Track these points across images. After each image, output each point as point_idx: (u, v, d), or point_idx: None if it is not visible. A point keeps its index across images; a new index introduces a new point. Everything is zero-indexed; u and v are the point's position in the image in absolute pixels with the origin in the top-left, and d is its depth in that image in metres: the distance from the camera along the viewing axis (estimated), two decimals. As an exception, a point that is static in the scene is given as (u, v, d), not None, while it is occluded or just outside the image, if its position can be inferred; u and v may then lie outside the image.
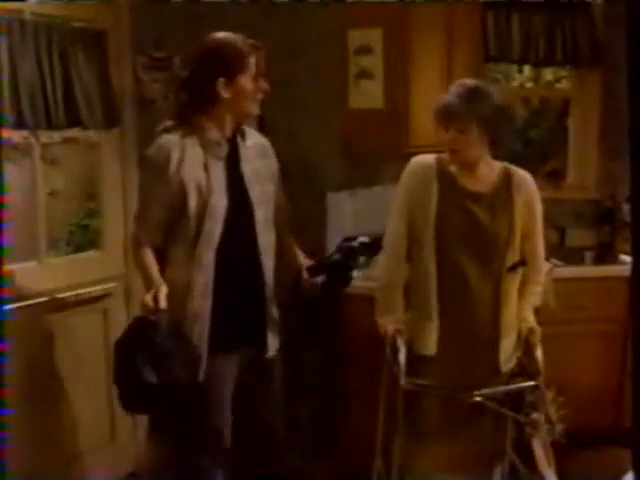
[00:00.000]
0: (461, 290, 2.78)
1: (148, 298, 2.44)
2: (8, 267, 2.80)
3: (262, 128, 3.84)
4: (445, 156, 2.79)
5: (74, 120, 3.41)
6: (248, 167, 2.70)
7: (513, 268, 2.80)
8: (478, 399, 2.59)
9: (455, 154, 2.75)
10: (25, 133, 3.35)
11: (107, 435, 3.80)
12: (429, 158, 2.81)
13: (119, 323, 3.80)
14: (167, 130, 2.64)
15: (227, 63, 2.57)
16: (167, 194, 2.55)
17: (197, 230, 2.56)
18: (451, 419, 2.70)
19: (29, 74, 3.17)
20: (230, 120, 2.65)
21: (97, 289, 3.68)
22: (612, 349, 4.06)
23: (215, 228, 2.57)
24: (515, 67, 5.16)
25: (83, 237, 4.78)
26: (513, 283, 2.84)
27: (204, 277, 2.58)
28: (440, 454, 2.71)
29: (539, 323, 3.46)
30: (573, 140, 4.72)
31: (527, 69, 5.29)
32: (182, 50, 3.94)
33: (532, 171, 5.21)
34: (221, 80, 2.55)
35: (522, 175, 2.91)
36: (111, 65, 3.62)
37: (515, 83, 5.38)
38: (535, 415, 1.98)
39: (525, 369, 2.79)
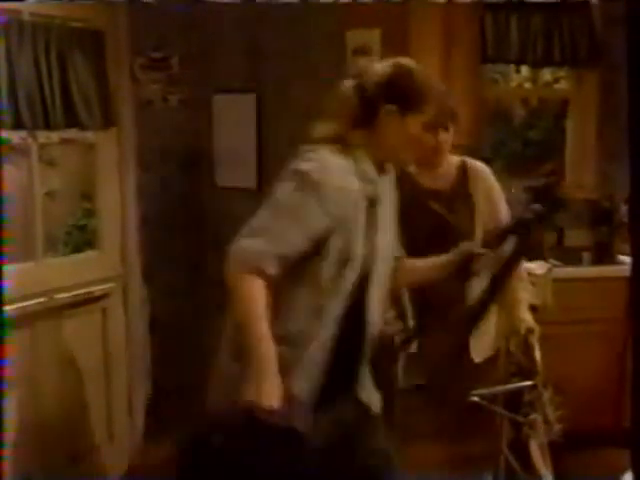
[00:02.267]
0: (431, 289, 2.78)
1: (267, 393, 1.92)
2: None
3: (261, 128, 3.87)
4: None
5: (71, 121, 3.41)
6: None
7: None
8: (475, 399, 2.59)
9: (442, 154, 2.77)
10: (23, 134, 3.34)
11: (105, 435, 3.80)
12: None
13: (117, 323, 3.81)
14: None
15: None
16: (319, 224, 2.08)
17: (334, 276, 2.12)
18: (445, 418, 2.70)
19: (27, 74, 3.17)
20: None
21: (95, 289, 3.68)
22: (610, 349, 4.06)
23: (352, 277, 2.15)
24: (513, 67, 5.15)
25: (80, 238, 4.77)
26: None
27: (328, 332, 2.13)
28: (434, 454, 2.71)
29: (538, 323, 3.48)
30: (571, 140, 4.72)
31: (525, 69, 5.29)
32: (180, 50, 3.95)
33: (530, 171, 5.30)
34: None
35: (478, 168, 2.88)
36: (109, 65, 3.62)
37: (513, 83, 5.38)
38: (533, 416, 1.98)
39: (523, 369, 2.79)
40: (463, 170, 2.87)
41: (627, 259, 4.20)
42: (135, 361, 3.89)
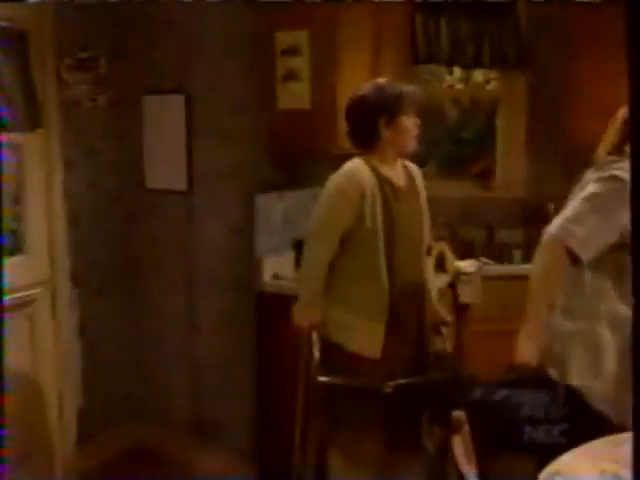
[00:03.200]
0: (409, 289, 2.83)
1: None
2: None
3: (191, 129, 3.84)
4: (367, 158, 2.81)
5: (-3, 122, 3.33)
6: None
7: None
8: (389, 390, 2.62)
9: (416, 138, 2.85)
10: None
11: (36, 442, 3.72)
12: (359, 162, 2.81)
13: (45, 328, 3.74)
14: None
15: None
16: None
17: None
18: (372, 414, 2.71)
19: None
20: None
21: (23, 295, 3.60)
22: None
23: None
24: (445, 68, 5.20)
25: (12, 242, 4.66)
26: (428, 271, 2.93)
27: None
28: (361, 450, 2.73)
29: (470, 321, 3.52)
30: (501, 140, 4.80)
31: (457, 70, 5.34)
32: (109, 50, 3.90)
33: (462, 171, 5.36)
34: None
35: (414, 168, 3.02)
36: (34, 66, 3.54)
37: (445, 84, 5.43)
38: (456, 413, 2.00)
39: (440, 361, 2.83)
40: (406, 167, 2.95)
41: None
42: (65, 366, 3.82)
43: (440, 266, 3.90)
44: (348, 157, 3.78)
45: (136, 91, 3.99)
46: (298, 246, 3.82)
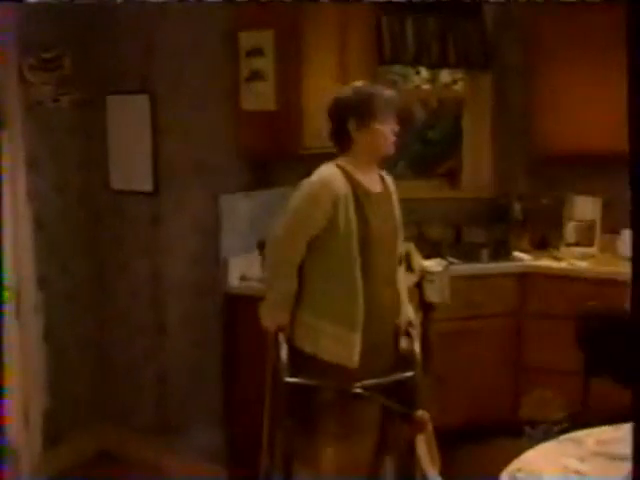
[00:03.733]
0: (383, 296, 2.81)
1: None
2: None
3: (156, 130, 3.82)
4: (341, 163, 2.80)
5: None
6: None
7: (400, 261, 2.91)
8: (359, 391, 2.62)
9: (392, 144, 2.82)
10: None
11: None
12: (332, 168, 2.78)
13: (10, 332, 3.68)
14: None
15: None
16: None
17: None
18: (340, 415, 2.71)
19: None
20: None
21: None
22: (507, 343, 4.17)
23: None
24: (413, 69, 5.23)
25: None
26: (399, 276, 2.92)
27: None
28: (330, 451, 2.73)
29: (437, 320, 3.54)
30: (467, 140, 4.83)
31: (425, 71, 5.36)
32: (72, 50, 3.86)
33: (430, 171, 5.39)
34: None
35: (389, 177, 2.99)
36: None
37: (413, 85, 5.45)
38: (420, 412, 2.00)
39: (406, 362, 2.83)
40: (380, 174, 2.93)
41: (523, 255, 4.32)
42: (30, 371, 3.78)
43: (407, 266, 3.91)
44: (315, 157, 3.79)
45: (100, 91, 3.95)
46: (261, 246, 3.82)
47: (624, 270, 4.09)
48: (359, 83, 2.87)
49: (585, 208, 4.46)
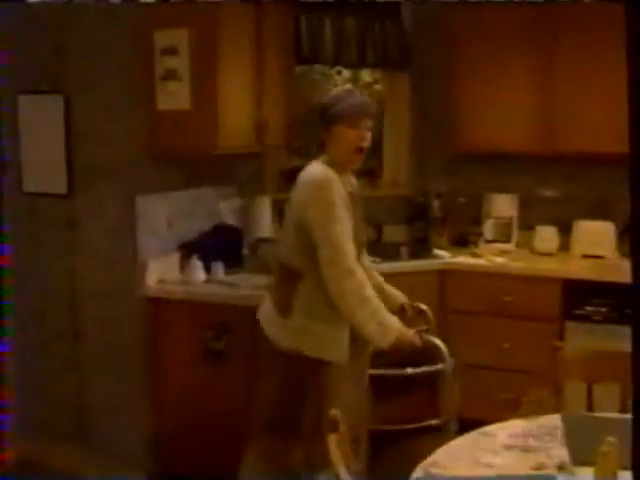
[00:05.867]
0: None
1: None
2: None
3: (70, 131, 3.74)
4: (324, 163, 2.78)
5: None
6: None
7: None
8: None
9: (361, 153, 2.81)
10: None
11: None
12: (326, 168, 2.74)
13: None
14: None
15: None
16: None
17: None
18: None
19: None
20: None
21: None
22: (429, 340, 4.21)
23: None
24: (332, 68, 5.24)
25: None
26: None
27: None
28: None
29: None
30: (387, 139, 4.87)
31: (346, 71, 5.39)
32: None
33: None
34: None
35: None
36: None
37: (334, 84, 5.46)
38: (333, 411, 2.00)
39: None
40: (350, 178, 2.96)
41: (443, 253, 4.38)
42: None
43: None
44: (230, 157, 3.78)
45: (11, 91, 3.84)
46: (183, 248, 3.78)
47: (540, 266, 4.19)
48: (341, 87, 2.94)
49: (502, 205, 4.55)
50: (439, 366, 2.85)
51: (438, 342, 2.84)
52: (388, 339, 2.62)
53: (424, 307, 3.05)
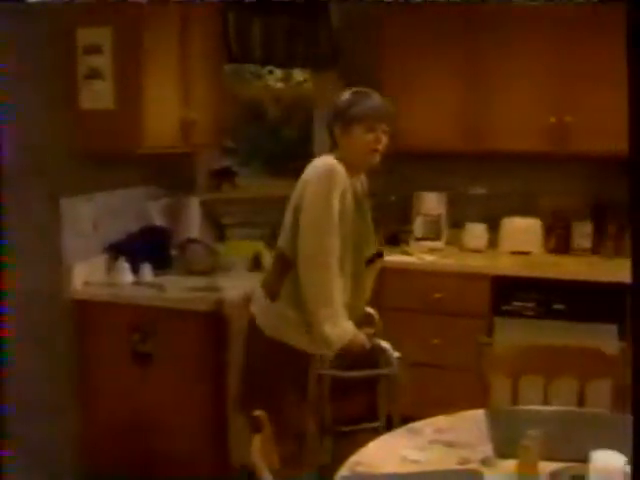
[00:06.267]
0: (359, 291, 2.86)
1: None
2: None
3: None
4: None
5: None
6: None
7: (371, 261, 2.91)
8: None
9: (376, 154, 2.79)
10: None
11: None
12: (337, 162, 2.70)
13: None
14: None
15: None
16: None
17: None
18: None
19: None
20: None
21: None
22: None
23: None
24: (263, 67, 5.24)
25: None
26: (369, 276, 2.92)
27: None
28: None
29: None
30: (318, 139, 4.88)
31: (278, 70, 5.39)
32: None
33: (283, 168, 5.41)
34: None
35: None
36: None
37: (266, 83, 5.47)
38: (258, 412, 1.99)
39: None
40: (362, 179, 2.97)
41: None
42: None
43: (257, 265, 3.91)
44: (159, 157, 3.73)
45: None
46: (110, 249, 3.72)
47: (469, 262, 4.25)
48: (356, 89, 2.89)
49: (431, 204, 4.60)
50: (390, 369, 2.84)
51: (385, 345, 2.85)
52: (341, 341, 2.65)
53: (371, 310, 3.05)
